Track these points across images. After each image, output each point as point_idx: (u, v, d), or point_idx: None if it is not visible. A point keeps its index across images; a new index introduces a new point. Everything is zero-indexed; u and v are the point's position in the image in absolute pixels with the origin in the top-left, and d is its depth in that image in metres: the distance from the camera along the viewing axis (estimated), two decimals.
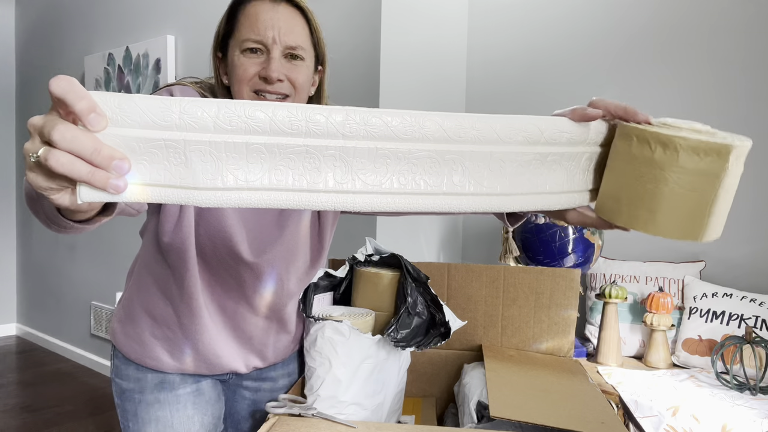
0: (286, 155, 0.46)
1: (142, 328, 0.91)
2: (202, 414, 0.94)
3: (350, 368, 0.91)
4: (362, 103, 1.78)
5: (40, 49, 3.52)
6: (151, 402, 0.91)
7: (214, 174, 0.45)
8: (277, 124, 0.45)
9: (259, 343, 0.95)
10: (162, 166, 0.44)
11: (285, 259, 0.90)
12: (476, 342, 1.17)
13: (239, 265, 0.87)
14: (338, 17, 1.85)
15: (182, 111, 0.43)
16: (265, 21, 0.77)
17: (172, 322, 0.89)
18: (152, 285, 0.90)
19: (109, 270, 3.06)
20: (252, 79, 0.78)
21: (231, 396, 1.02)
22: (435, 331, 0.97)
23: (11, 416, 2.54)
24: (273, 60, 0.77)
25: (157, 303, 0.90)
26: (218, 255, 0.86)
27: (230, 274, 0.88)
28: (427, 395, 1.19)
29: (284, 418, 0.82)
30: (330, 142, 0.46)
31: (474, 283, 1.17)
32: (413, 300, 0.98)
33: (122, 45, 2.82)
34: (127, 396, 0.93)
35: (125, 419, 0.94)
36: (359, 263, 1.10)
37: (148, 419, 0.91)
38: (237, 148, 0.45)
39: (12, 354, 3.46)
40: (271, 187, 0.46)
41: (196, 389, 0.94)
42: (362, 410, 0.92)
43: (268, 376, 1.01)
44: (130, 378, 0.92)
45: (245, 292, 0.90)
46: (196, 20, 2.47)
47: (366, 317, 0.99)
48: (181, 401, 0.92)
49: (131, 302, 0.93)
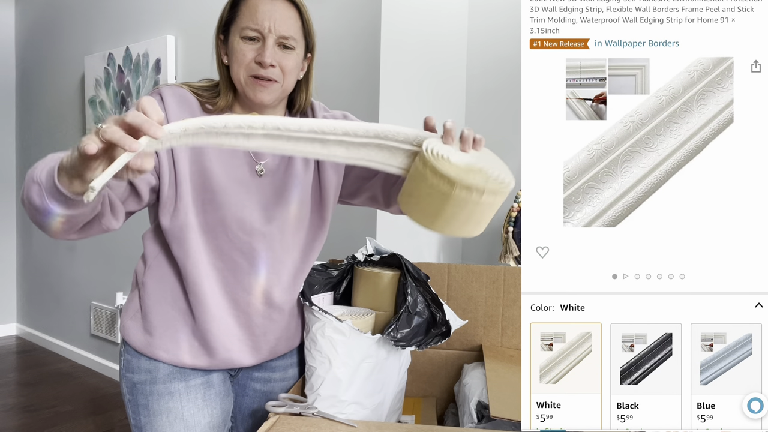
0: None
1: (160, 319, 0.93)
2: (211, 407, 0.96)
3: (350, 367, 0.91)
4: (362, 102, 1.78)
5: (40, 48, 3.52)
6: (163, 393, 0.93)
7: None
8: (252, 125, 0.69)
9: (268, 336, 0.97)
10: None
11: (294, 225, 0.95)
12: (476, 342, 1.17)
13: (252, 237, 0.91)
14: (338, 17, 1.85)
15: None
16: (263, 12, 0.89)
17: (187, 313, 0.93)
18: (164, 280, 0.93)
19: (109, 270, 3.06)
20: (249, 63, 0.89)
21: (241, 391, 1.02)
22: (435, 331, 0.97)
23: (11, 416, 2.54)
24: (267, 47, 0.88)
25: (173, 294, 0.93)
26: (231, 233, 0.90)
27: (243, 252, 0.91)
28: (427, 395, 1.19)
29: (285, 417, 0.83)
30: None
31: (474, 283, 1.17)
32: (413, 299, 0.98)
33: (122, 45, 2.82)
34: (138, 389, 0.94)
35: (136, 413, 0.95)
36: (359, 263, 1.10)
37: (159, 411, 0.93)
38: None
39: (12, 354, 3.46)
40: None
41: (206, 381, 0.95)
42: (362, 409, 0.92)
43: (277, 366, 1.02)
44: (142, 370, 0.94)
45: (258, 270, 0.93)
46: (196, 20, 2.47)
47: (366, 317, 0.99)
48: (191, 393, 0.94)
49: (147, 296, 0.94)
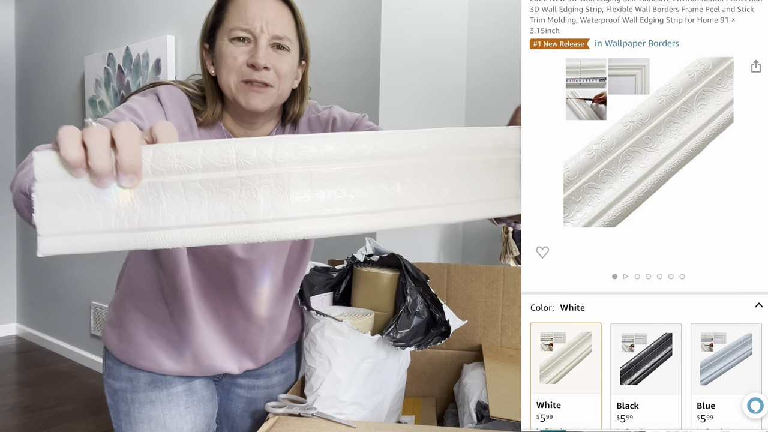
0: (222, 189, 0.46)
1: (136, 327, 0.91)
2: (194, 413, 0.94)
3: (350, 368, 0.91)
4: (362, 103, 1.78)
5: (40, 48, 3.52)
6: (144, 401, 0.91)
7: (156, 214, 0.46)
8: (209, 160, 0.46)
9: (251, 344, 0.95)
10: (113, 212, 0.46)
11: (276, 251, 0.90)
12: (476, 342, 1.17)
13: (232, 262, 0.87)
14: (338, 17, 1.85)
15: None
16: (254, 11, 0.80)
17: (167, 320, 0.90)
18: (146, 285, 0.90)
19: (109, 270, 3.06)
20: (241, 67, 0.80)
21: (225, 395, 1.02)
22: (435, 331, 0.97)
23: (11, 416, 2.54)
24: (260, 48, 0.79)
25: (152, 302, 0.90)
26: (210, 253, 0.86)
27: (223, 272, 0.88)
28: (427, 395, 1.19)
29: (284, 418, 0.82)
30: (263, 171, 0.46)
31: (474, 283, 1.16)
32: (413, 300, 0.98)
33: (122, 45, 2.82)
34: (119, 396, 0.93)
35: (118, 419, 0.94)
36: (359, 263, 1.10)
37: (140, 418, 0.91)
38: (174, 187, 0.46)
39: (12, 354, 3.46)
40: (210, 223, 0.46)
41: (189, 388, 0.94)
42: (362, 410, 0.92)
43: (262, 373, 1.01)
44: (122, 377, 0.92)
45: (238, 291, 0.90)
46: (196, 20, 2.47)
47: (366, 317, 0.99)
48: (173, 400, 0.92)
49: (124, 304, 0.93)
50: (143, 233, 0.46)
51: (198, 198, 0.46)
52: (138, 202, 0.46)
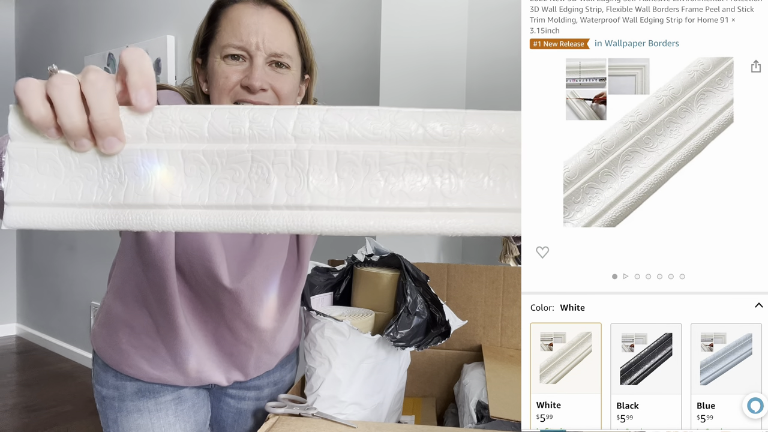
0: (229, 165, 0.39)
1: (119, 337, 0.89)
2: (184, 421, 0.92)
3: (350, 368, 0.91)
4: (362, 103, 1.78)
5: (40, 48, 3.52)
6: (131, 410, 0.89)
7: (146, 189, 0.38)
8: (217, 128, 0.39)
9: (238, 359, 0.93)
10: (95, 183, 0.38)
11: (264, 279, 0.86)
12: (476, 342, 1.17)
13: (218, 289, 0.82)
14: (338, 17, 1.85)
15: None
16: (249, 26, 0.72)
17: (152, 331, 0.87)
18: (131, 295, 0.87)
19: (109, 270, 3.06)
20: (233, 88, 0.73)
21: (216, 403, 1.00)
22: (435, 331, 0.97)
23: (11, 416, 2.54)
24: (256, 68, 0.72)
25: (136, 313, 0.87)
26: (197, 276, 0.81)
27: (210, 296, 0.84)
28: (427, 395, 1.19)
29: (284, 418, 0.82)
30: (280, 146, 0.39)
31: (474, 283, 1.16)
32: (413, 300, 0.98)
33: (122, 45, 2.82)
34: (107, 403, 0.91)
35: (106, 425, 0.92)
36: (359, 263, 1.10)
37: (128, 427, 0.89)
38: (172, 157, 0.39)
39: (12, 354, 3.46)
40: (210, 205, 0.39)
41: (177, 396, 0.92)
42: (362, 410, 0.92)
43: (252, 385, 0.99)
44: (110, 385, 0.91)
45: (225, 315, 0.86)
46: (196, 20, 2.46)
47: (366, 317, 0.99)
48: (161, 409, 0.90)
49: (110, 310, 0.91)
50: (129, 211, 0.38)
51: (199, 173, 0.39)
52: (126, 173, 0.38)
